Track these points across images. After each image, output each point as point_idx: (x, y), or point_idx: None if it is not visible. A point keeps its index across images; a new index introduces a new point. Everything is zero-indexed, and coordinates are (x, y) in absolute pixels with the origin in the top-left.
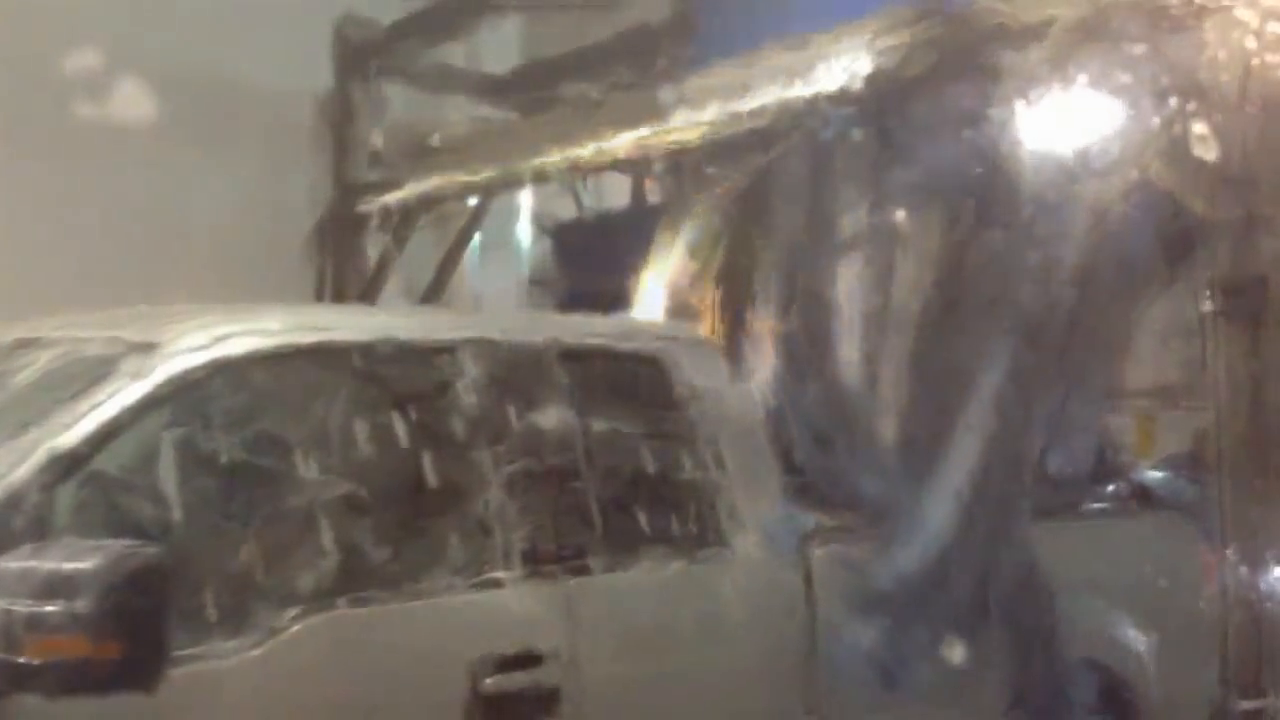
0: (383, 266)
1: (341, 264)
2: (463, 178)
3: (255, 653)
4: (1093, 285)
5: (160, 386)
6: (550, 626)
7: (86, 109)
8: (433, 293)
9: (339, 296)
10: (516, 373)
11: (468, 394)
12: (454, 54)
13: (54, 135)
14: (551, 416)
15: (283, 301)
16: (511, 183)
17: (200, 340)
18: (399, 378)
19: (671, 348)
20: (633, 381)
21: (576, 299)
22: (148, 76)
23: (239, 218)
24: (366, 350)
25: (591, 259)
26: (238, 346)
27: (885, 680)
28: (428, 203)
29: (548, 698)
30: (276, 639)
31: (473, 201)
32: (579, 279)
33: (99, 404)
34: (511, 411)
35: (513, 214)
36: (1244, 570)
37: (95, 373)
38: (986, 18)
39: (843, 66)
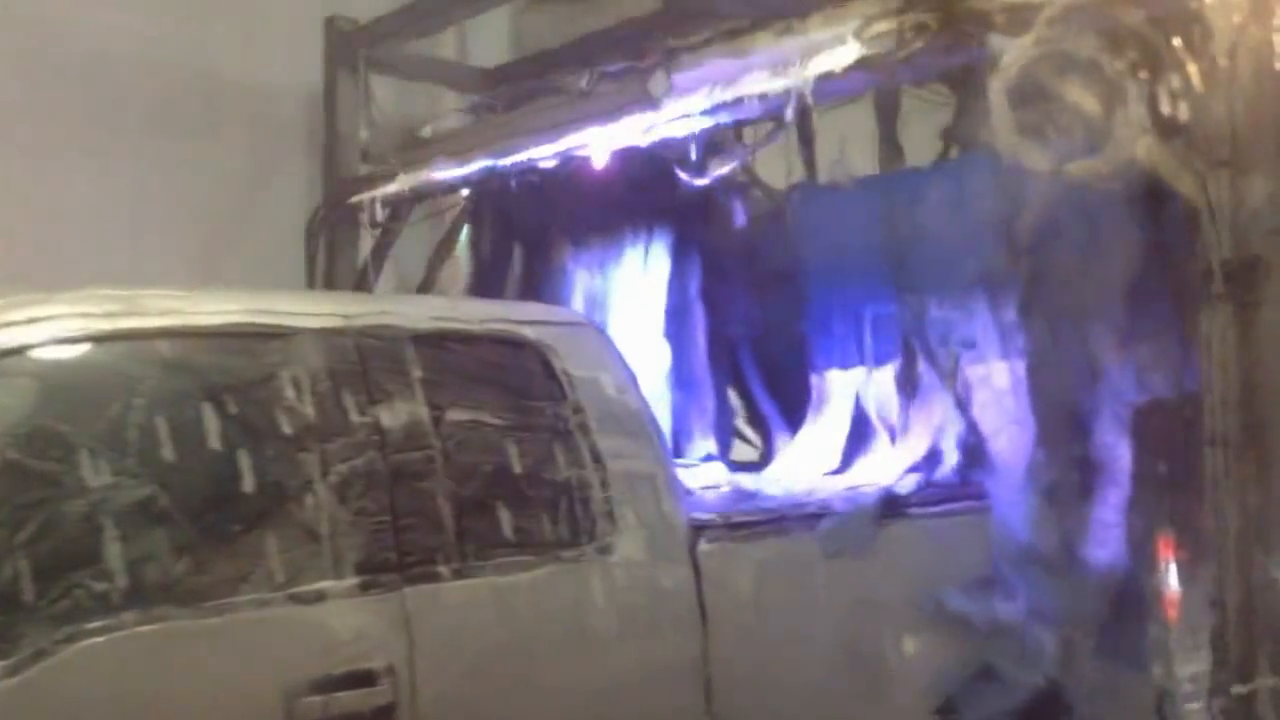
0: (374, 260)
1: (333, 258)
2: (453, 170)
3: (14, 680)
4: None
5: None
6: (384, 641)
7: (78, 101)
8: (424, 286)
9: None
10: (359, 361)
11: (297, 385)
12: (444, 46)
13: (43, 126)
14: (399, 409)
15: None
16: (503, 175)
17: None
18: (215, 368)
19: (549, 332)
20: (502, 369)
21: None
22: (138, 69)
23: (230, 213)
24: (177, 337)
25: None
26: (13, 336)
27: None
28: (419, 195)
29: None
30: (43, 663)
31: (464, 194)
32: None
33: None
34: (351, 404)
35: None
36: (1239, 552)
37: None
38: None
39: (832, 53)
